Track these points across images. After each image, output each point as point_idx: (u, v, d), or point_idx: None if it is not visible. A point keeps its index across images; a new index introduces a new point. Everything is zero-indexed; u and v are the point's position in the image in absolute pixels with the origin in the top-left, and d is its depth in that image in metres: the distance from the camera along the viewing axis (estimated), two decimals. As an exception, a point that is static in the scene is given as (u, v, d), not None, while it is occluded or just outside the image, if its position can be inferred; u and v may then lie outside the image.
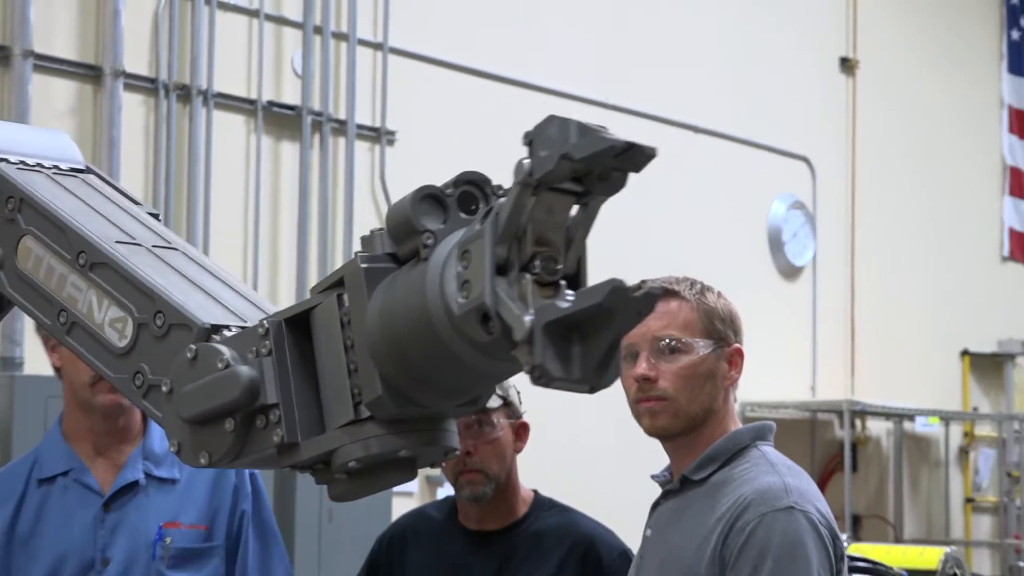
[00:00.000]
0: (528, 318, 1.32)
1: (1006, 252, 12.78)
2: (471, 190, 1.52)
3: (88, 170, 2.05)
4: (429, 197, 1.54)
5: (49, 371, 3.96)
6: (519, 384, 3.92)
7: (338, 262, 7.87)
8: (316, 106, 7.85)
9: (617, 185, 1.37)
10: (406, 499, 7.78)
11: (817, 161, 10.88)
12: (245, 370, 1.62)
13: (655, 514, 3.34)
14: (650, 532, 3.32)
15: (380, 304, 1.55)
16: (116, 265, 1.78)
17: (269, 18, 7.73)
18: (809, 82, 11.00)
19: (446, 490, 5.91)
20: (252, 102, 7.64)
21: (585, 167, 1.34)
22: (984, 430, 12.30)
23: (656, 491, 3.38)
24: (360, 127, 8.05)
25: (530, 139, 1.37)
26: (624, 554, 3.76)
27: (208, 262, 1.87)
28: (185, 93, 7.36)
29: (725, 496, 3.13)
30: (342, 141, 7.95)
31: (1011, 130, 12.85)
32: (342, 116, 7.96)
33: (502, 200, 1.42)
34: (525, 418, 3.94)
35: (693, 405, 3.21)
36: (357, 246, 6.68)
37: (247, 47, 7.67)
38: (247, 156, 7.65)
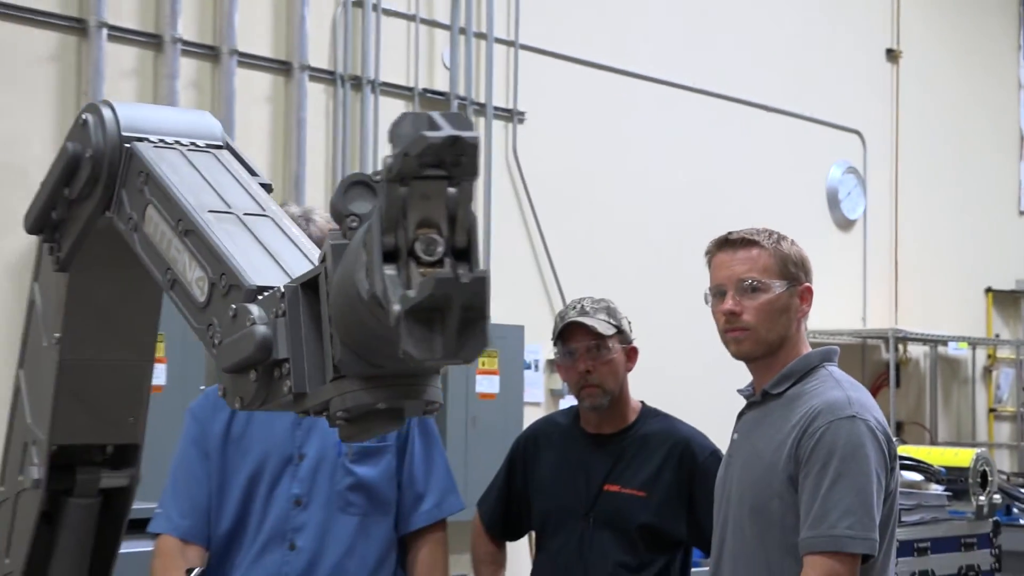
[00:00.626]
0: (395, 307, 1.28)
1: (1022, 207, 12.58)
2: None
3: (226, 146, 2.01)
4: (357, 184, 1.51)
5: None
6: (630, 314, 3.94)
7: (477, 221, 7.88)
8: (461, 92, 7.84)
9: (468, 169, 1.31)
10: (535, 408, 7.77)
11: (868, 134, 10.73)
12: (261, 330, 1.58)
13: (740, 421, 3.33)
14: (737, 436, 3.32)
15: (336, 277, 1.49)
16: (201, 232, 1.74)
17: (423, 21, 7.74)
18: (861, 69, 10.83)
19: (567, 401, 5.91)
20: (410, 89, 7.67)
21: (431, 159, 1.28)
22: (1004, 353, 12.12)
23: (738, 405, 3.39)
24: (496, 108, 8.03)
25: (389, 136, 1.33)
26: (714, 453, 3.74)
27: (293, 229, 1.81)
28: (357, 83, 7.39)
29: (799, 407, 3.12)
30: (481, 120, 7.94)
31: (1027, 106, 12.66)
32: (481, 100, 7.94)
33: None
34: (635, 343, 3.92)
35: (771, 334, 3.19)
36: (495, 206, 6.69)
37: (406, 45, 7.68)
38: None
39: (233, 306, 1.64)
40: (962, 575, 4.97)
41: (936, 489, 5.07)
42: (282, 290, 1.61)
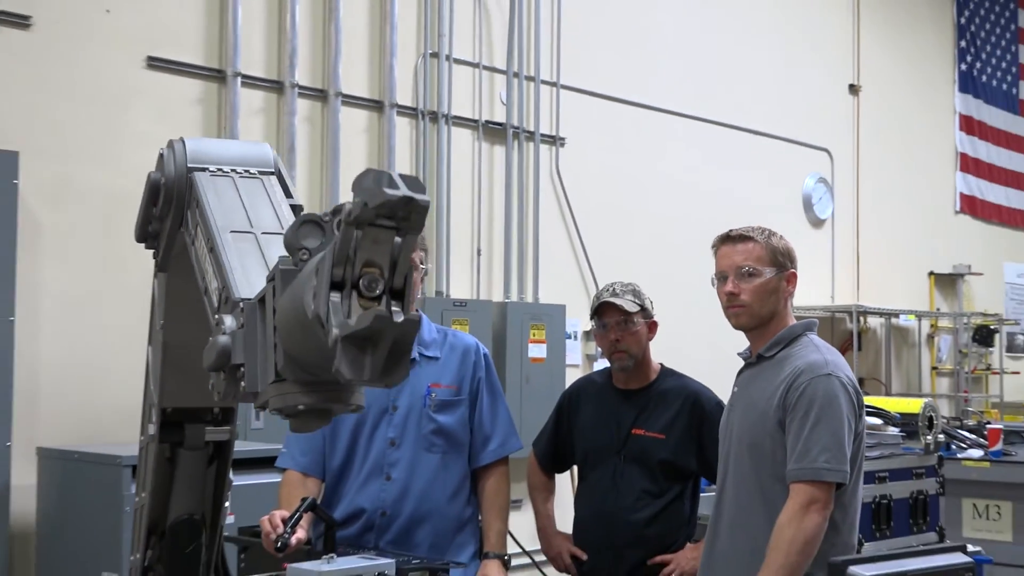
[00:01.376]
0: (335, 331, 1.25)
1: (958, 208, 12.49)
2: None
3: (276, 172, 1.97)
4: (308, 223, 1.46)
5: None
6: (652, 296, 3.92)
7: (526, 227, 7.87)
8: (515, 123, 7.81)
9: (415, 225, 1.27)
10: (574, 369, 7.77)
11: (835, 151, 10.67)
12: (222, 340, 1.57)
13: (739, 378, 3.35)
14: (736, 389, 3.33)
15: (284, 298, 1.45)
16: (218, 250, 1.72)
17: (485, 67, 7.72)
18: (830, 101, 10.78)
19: (601, 363, 5.87)
20: (475, 121, 7.65)
21: (386, 212, 1.25)
22: (944, 323, 12.05)
23: (737, 365, 3.38)
24: (543, 135, 8.01)
25: (352, 187, 1.29)
26: (719, 403, 3.74)
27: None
28: (434, 117, 7.38)
29: (786, 366, 3.14)
30: (531, 144, 7.93)
31: (960, 128, 12.53)
32: (531, 128, 7.92)
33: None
34: (655, 318, 3.91)
35: (763, 309, 3.21)
36: (543, 212, 6.58)
37: (472, 86, 7.67)
38: (474, 162, 7.65)
39: (217, 316, 1.64)
40: (913, 498, 4.94)
41: (892, 431, 5.04)
42: (241, 305, 1.58)
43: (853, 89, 11.01)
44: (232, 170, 1.92)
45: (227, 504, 2.22)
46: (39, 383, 5.62)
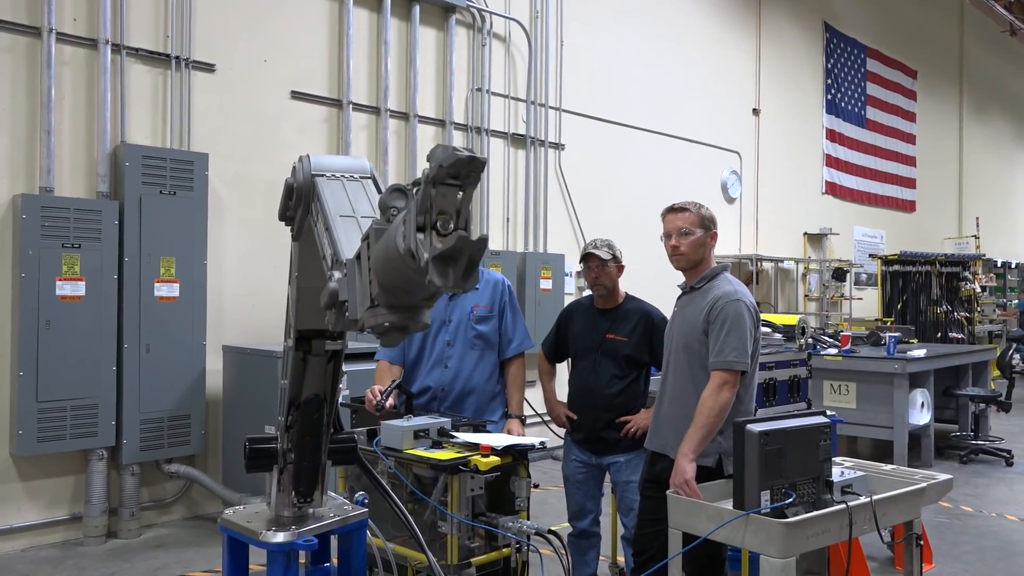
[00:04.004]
0: (425, 255, 1.22)
1: (824, 190, 12.32)
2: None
3: (372, 177, 1.89)
4: (397, 190, 1.41)
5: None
6: (623, 248, 3.84)
7: (539, 203, 7.78)
8: (532, 134, 7.72)
9: (475, 179, 1.23)
10: (569, 296, 7.74)
11: (743, 153, 10.51)
12: (331, 285, 1.53)
13: (678, 302, 3.24)
14: (676, 309, 3.24)
15: (379, 244, 1.39)
16: (331, 227, 1.68)
17: (512, 97, 7.61)
18: (741, 119, 10.60)
19: (587, 292, 5.83)
20: (505, 134, 7.55)
21: (454, 171, 1.21)
22: (813, 267, 11.90)
23: (676, 293, 3.30)
24: (550, 142, 7.91)
25: (428, 157, 1.24)
26: (663, 318, 3.59)
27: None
28: (479, 131, 7.28)
29: (709, 294, 3.05)
30: (542, 149, 7.82)
31: (826, 138, 12.39)
32: (542, 138, 7.82)
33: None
34: (623, 263, 3.83)
35: (695, 256, 3.10)
36: (549, 197, 6.45)
37: (503, 110, 7.56)
38: (504, 161, 7.58)
39: (329, 271, 1.59)
40: (791, 380, 4.87)
41: (778, 336, 4.95)
42: (346, 259, 1.54)
43: (755, 111, 10.81)
44: (342, 176, 1.86)
45: (341, 386, 2.19)
46: (223, 304, 5.64)
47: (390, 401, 3.16)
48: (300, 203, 1.88)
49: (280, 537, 2.05)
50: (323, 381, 2.05)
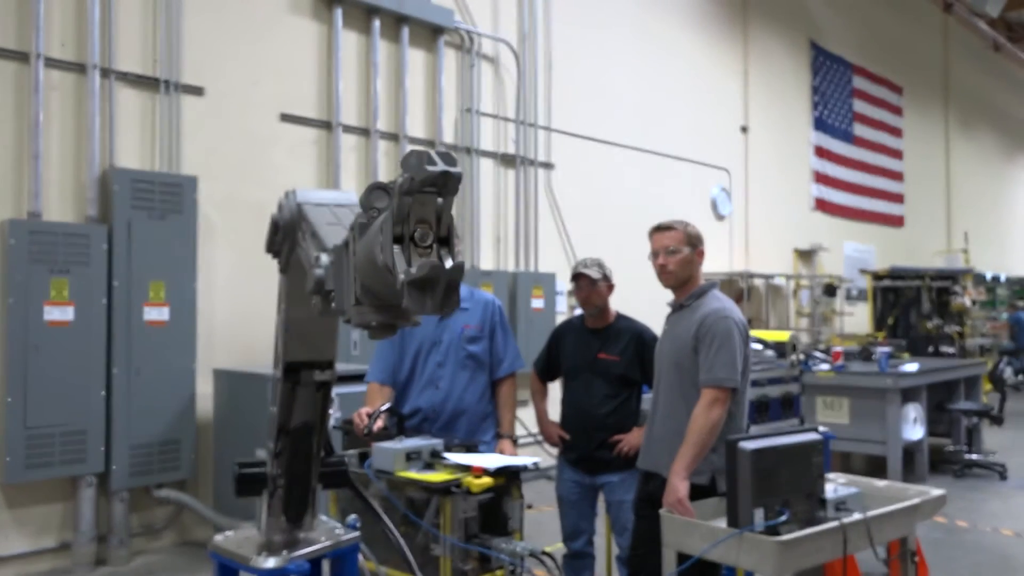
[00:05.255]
0: (401, 276, 1.16)
1: (813, 207, 12.40)
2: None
3: (360, 203, 1.93)
4: (377, 188, 1.36)
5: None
6: (613, 268, 3.85)
7: (529, 222, 7.80)
8: (522, 154, 7.75)
9: (452, 189, 1.19)
10: (561, 314, 7.72)
11: (732, 170, 10.58)
12: (317, 272, 1.50)
13: (668, 320, 3.23)
14: (666, 327, 3.24)
15: (361, 246, 1.35)
16: (317, 233, 1.65)
17: (502, 118, 7.65)
18: (730, 136, 10.68)
19: (577, 311, 5.83)
20: (495, 153, 7.58)
21: (427, 183, 1.17)
22: (804, 283, 11.94)
23: (665, 312, 3.30)
24: (540, 162, 7.94)
25: (401, 163, 1.20)
26: (654, 336, 3.59)
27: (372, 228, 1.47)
28: (468, 151, 7.31)
29: (698, 312, 3.05)
30: (532, 168, 7.85)
31: (814, 155, 12.49)
32: (532, 158, 7.85)
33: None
34: (613, 283, 3.84)
35: (683, 274, 3.11)
36: (540, 215, 6.47)
37: (493, 130, 7.60)
38: (495, 181, 7.60)
39: (315, 255, 1.56)
40: (783, 397, 4.88)
41: (769, 353, 4.96)
42: (331, 247, 1.51)
43: (744, 129, 10.89)
44: (328, 205, 1.84)
45: (332, 410, 2.18)
46: (214, 326, 5.62)
47: (378, 424, 3.14)
48: (286, 238, 1.85)
49: (271, 562, 2.04)
50: (312, 410, 2.04)
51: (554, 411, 3.85)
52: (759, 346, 4.90)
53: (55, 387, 4.71)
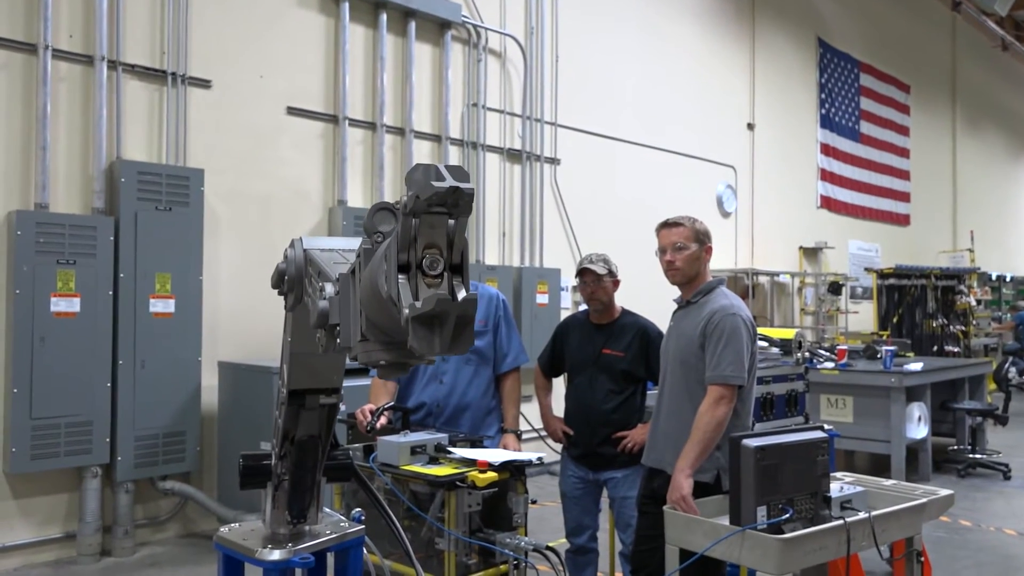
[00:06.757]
0: (405, 311, 1.02)
1: (819, 204, 12.37)
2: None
3: (363, 227, 1.84)
4: (382, 209, 1.23)
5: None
6: (619, 263, 3.85)
7: (534, 218, 7.79)
8: (527, 149, 7.74)
9: (464, 209, 1.03)
10: (566, 310, 7.74)
11: (738, 167, 10.56)
12: (321, 304, 1.36)
13: (674, 316, 3.21)
14: (672, 323, 3.22)
15: (365, 275, 1.21)
16: (323, 271, 1.50)
17: (508, 113, 7.63)
18: (736, 134, 10.65)
19: (582, 307, 5.84)
20: (502, 149, 7.57)
21: (436, 202, 1.01)
22: (808, 280, 11.91)
23: (671, 308, 3.29)
24: (546, 157, 7.93)
25: (406, 180, 1.05)
26: (659, 332, 3.59)
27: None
28: (475, 146, 7.31)
29: (705, 309, 3.04)
30: (537, 164, 7.84)
31: (821, 152, 12.45)
32: (538, 153, 7.84)
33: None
34: (619, 278, 3.83)
35: (690, 271, 3.09)
36: (545, 210, 6.47)
37: (499, 126, 7.59)
38: (500, 176, 7.59)
39: (320, 284, 1.43)
40: (788, 394, 4.86)
41: (775, 350, 4.95)
42: (337, 277, 1.37)
43: (750, 126, 10.86)
44: (334, 250, 1.72)
45: (334, 428, 2.15)
46: (219, 320, 5.62)
47: (381, 421, 3.14)
48: (292, 290, 1.76)
49: (276, 555, 2.04)
50: (318, 425, 2.03)
51: (558, 407, 3.85)
52: (764, 343, 4.89)
53: (61, 378, 4.72)
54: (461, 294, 1.04)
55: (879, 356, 7.55)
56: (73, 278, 4.77)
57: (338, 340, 1.34)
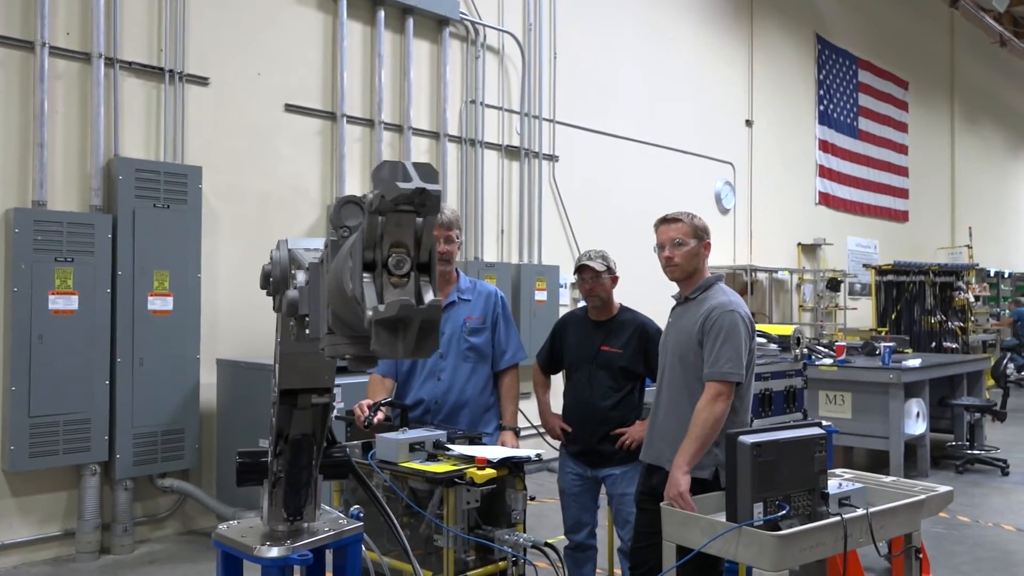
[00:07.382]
0: (369, 313, 0.98)
1: (817, 201, 12.38)
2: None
3: (330, 220, 1.73)
4: (349, 203, 1.20)
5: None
6: (617, 259, 3.85)
7: (533, 214, 7.79)
8: (526, 146, 7.74)
9: (431, 209, 1.00)
10: (564, 307, 7.73)
11: (736, 164, 10.55)
12: (290, 294, 1.35)
13: (673, 312, 3.22)
14: (671, 320, 3.22)
15: (331, 268, 1.18)
16: (300, 260, 1.48)
17: (506, 109, 7.63)
18: (734, 130, 10.65)
19: (581, 303, 5.84)
20: (500, 145, 7.56)
21: (402, 202, 0.98)
22: (807, 277, 11.91)
23: (670, 304, 3.29)
24: (544, 154, 7.92)
25: (372, 175, 1.01)
26: (658, 329, 3.59)
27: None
28: (473, 143, 7.30)
29: (704, 305, 3.03)
30: (536, 161, 7.83)
31: (819, 149, 12.46)
32: (536, 149, 7.83)
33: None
34: (617, 274, 3.83)
35: (689, 267, 3.09)
36: (544, 207, 6.46)
37: (497, 122, 7.58)
38: (498, 173, 7.58)
39: (292, 272, 1.41)
40: (786, 390, 4.86)
41: (773, 347, 4.95)
42: (308, 265, 1.35)
43: (748, 123, 10.86)
44: (317, 248, 1.77)
45: (329, 424, 2.15)
46: (217, 317, 5.62)
47: (378, 416, 3.14)
48: (278, 290, 1.73)
49: (275, 552, 2.04)
50: (311, 424, 2.03)
51: (556, 403, 3.85)
52: (763, 340, 4.89)
53: (59, 376, 4.72)
54: (428, 295, 1.02)
55: (877, 352, 7.56)
56: (71, 276, 4.77)
57: (307, 331, 1.32)
